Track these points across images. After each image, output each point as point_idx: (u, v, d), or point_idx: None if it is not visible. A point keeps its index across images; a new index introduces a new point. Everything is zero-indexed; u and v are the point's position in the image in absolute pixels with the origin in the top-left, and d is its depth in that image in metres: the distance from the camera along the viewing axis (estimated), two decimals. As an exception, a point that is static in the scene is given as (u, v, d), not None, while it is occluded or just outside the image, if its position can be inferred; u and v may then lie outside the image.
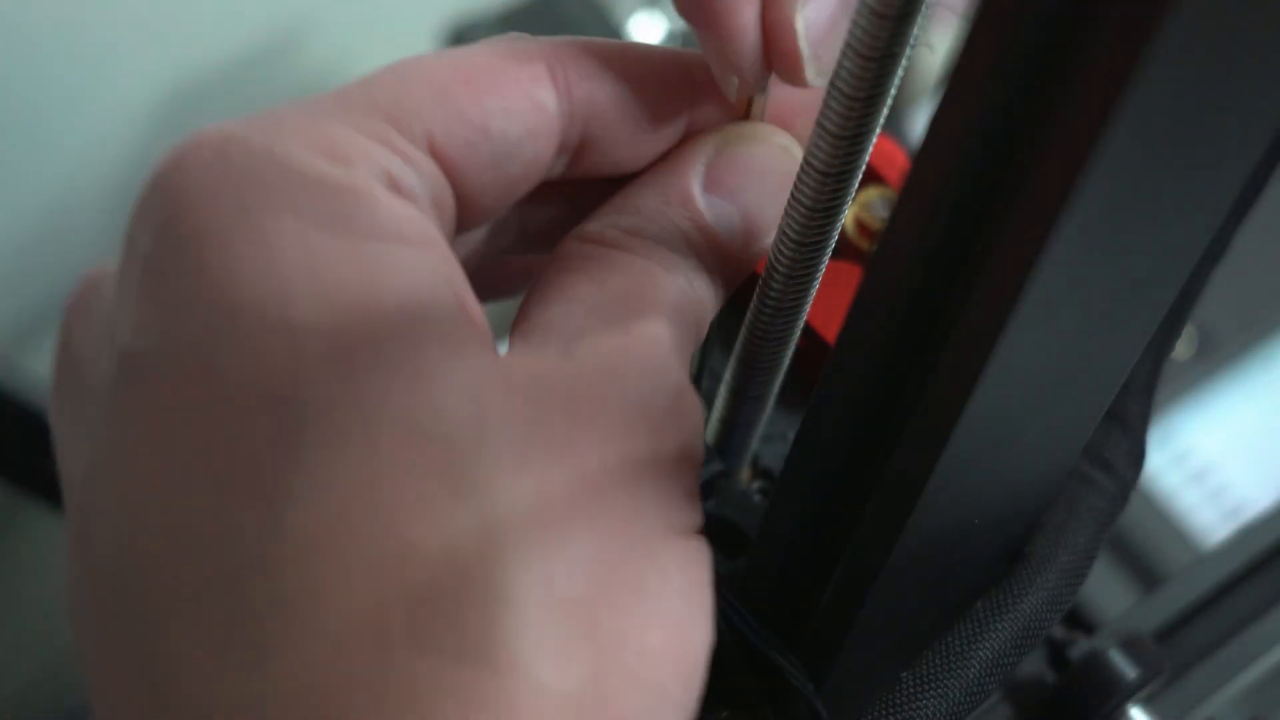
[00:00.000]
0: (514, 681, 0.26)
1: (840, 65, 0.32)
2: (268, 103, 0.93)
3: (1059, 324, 0.32)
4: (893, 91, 0.33)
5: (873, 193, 0.44)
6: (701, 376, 0.42)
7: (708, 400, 0.42)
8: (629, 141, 0.36)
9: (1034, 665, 0.46)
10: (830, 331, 0.41)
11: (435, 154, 0.33)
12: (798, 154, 0.37)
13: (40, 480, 0.66)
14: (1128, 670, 0.44)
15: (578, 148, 0.35)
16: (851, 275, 0.42)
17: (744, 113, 0.37)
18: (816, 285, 0.37)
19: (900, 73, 0.32)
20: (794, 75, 0.35)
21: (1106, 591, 0.74)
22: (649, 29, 0.88)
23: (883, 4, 0.30)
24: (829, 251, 0.36)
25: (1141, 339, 0.36)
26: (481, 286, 0.34)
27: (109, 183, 0.85)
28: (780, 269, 0.36)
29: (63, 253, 0.87)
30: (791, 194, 0.35)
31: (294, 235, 0.29)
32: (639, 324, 0.33)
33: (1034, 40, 0.27)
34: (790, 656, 0.38)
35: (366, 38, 0.93)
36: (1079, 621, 0.64)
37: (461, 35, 0.85)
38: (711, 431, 0.41)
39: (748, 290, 0.38)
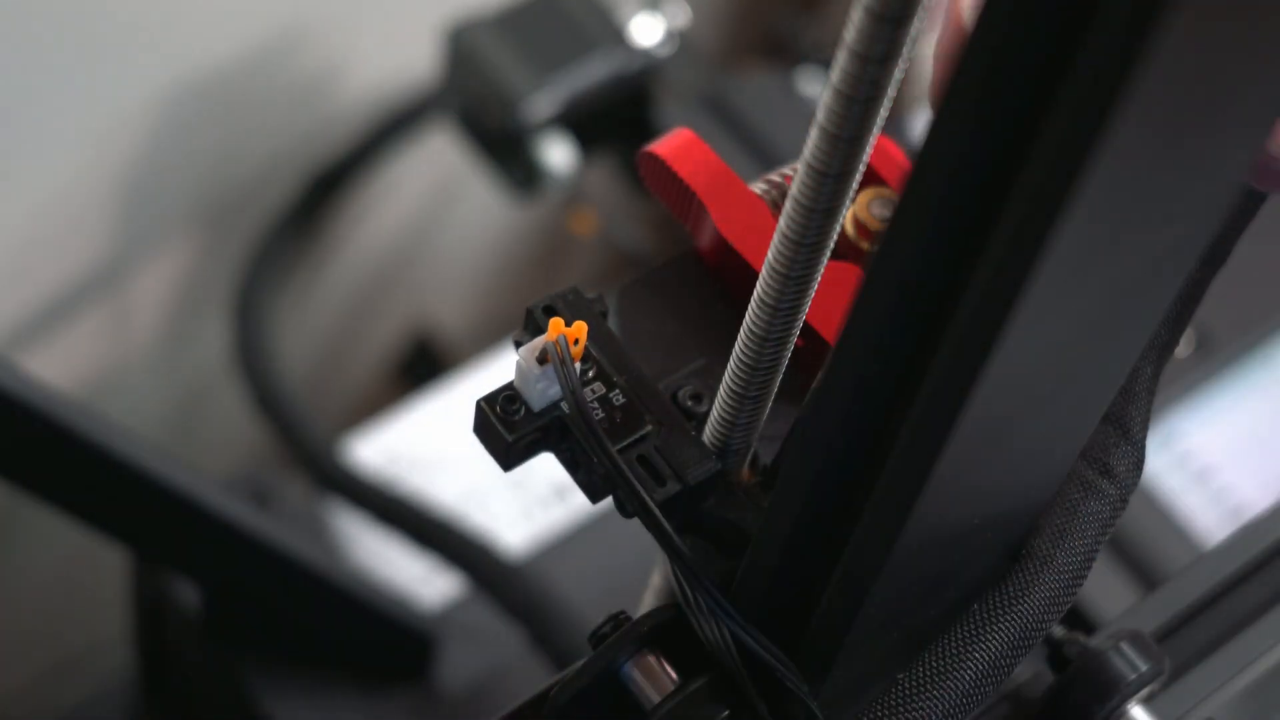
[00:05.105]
0: None
1: (839, 66, 0.32)
2: (267, 102, 0.93)
3: (1056, 324, 0.32)
4: (892, 92, 0.33)
5: (872, 193, 0.44)
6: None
7: (700, 398, 0.42)
8: None
9: (1034, 665, 0.46)
10: (830, 331, 0.41)
11: None
12: None
13: (40, 480, 0.66)
14: (1128, 670, 0.44)
15: None
16: (851, 275, 0.42)
17: None
18: (816, 285, 0.37)
19: (899, 74, 0.32)
20: None
21: (1106, 591, 0.74)
22: (649, 30, 0.88)
23: (881, 5, 0.30)
24: (828, 251, 0.36)
25: (1138, 342, 0.37)
26: None
27: (109, 183, 0.85)
28: (779, 269, 0.36)
29: (63, 253, 0.87)
30: (791, 194, 0.35)
31: None
32: None
33: (1033, 43, 0.27)
34: (784, 658, 0.38)
35: (366, 38, 0.93)
36: (1079, 621, 0.64)
37: (461, 35, 0.85)
38: (711, 432, 0.41)
39: (747, 290, 0.38)
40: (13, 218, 0.83)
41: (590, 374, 0.40)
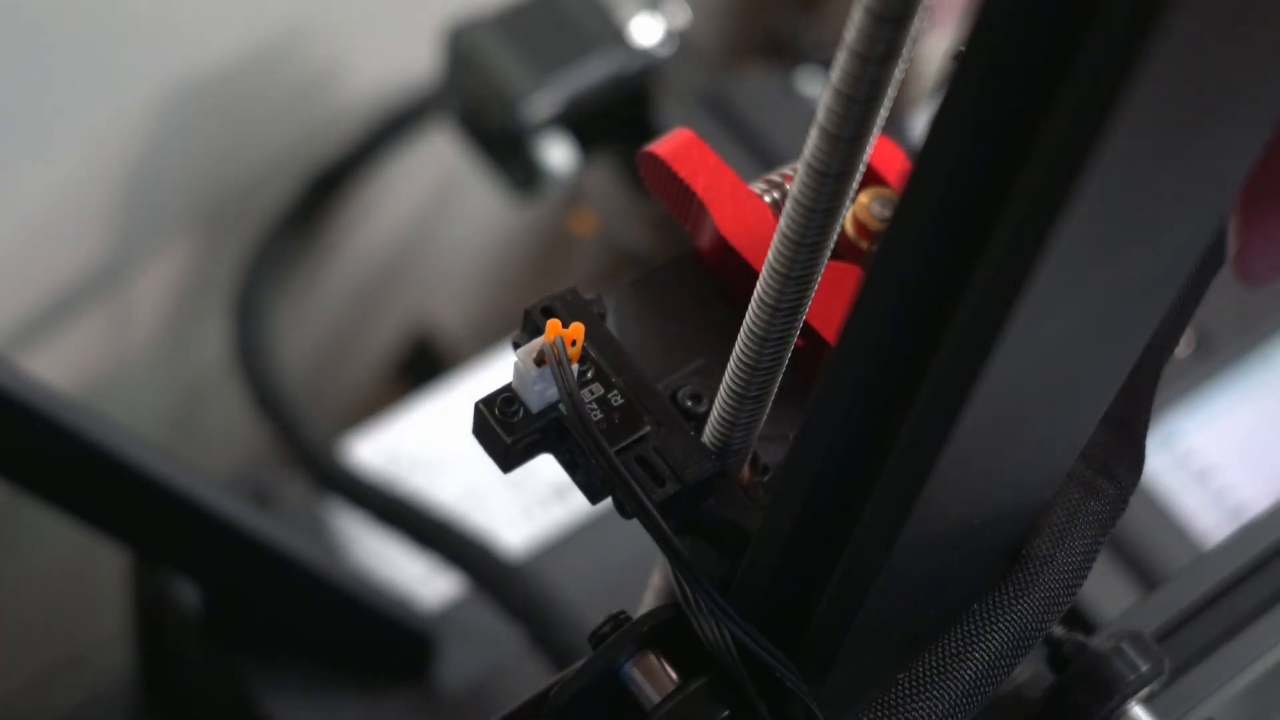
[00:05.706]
0: None
1: (839, 66, 0.32)
2: (267, 102, 0.93)
3: (1057, 325, 0.32)
4: (892, 92, 0.33)
5: (872, 193, 0.44)
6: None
7: (696, 397, 0.42)
8: None
9: (1034, 665, 0.46)
10: (830, 331, 0.41)
11: None
12: None
13: (40, 480, 0.66)
14: (1129, 669, 0.44)
15: None
16: (851, 275, 0.42)
17: None
18: (815, 285, 0.37)
19: (899, 74, 0.32)
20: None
21: (1106, 591, 0.74)
22: (649, 30, 0.88)
23: (881, 5, 0.30)
24: (828, 251, 0.36)
25: (1139, 341, 0.37)
26: None
27: (109, 183, 0.85)
28: (779, 269, 0.36)
29: (63, 253, 0.87)
30: (791, 194, 0.35)
31: None
32: None
33: (1034, 41, 0.27)
34: (784, 658, 0.38)
35: (366, 38, 0.93)
36: (1079, 621, 0.64)
37: (461, 35, 0.85)
38: (711, 432, 0.41)
39: (747, 290, 0.38)
40: (13, 218, 0.83)
41: (588, 375, 0.40)
